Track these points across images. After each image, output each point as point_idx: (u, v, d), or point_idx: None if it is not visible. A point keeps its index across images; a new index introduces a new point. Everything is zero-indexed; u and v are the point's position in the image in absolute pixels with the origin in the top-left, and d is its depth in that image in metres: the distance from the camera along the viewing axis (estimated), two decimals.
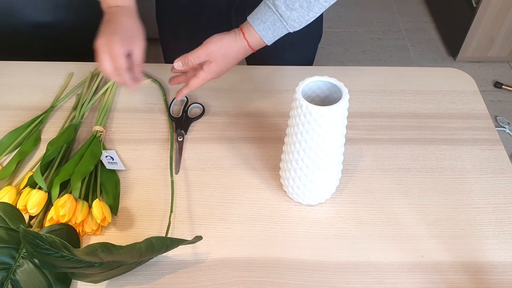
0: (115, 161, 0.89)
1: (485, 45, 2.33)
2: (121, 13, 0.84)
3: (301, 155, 0.77)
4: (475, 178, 0.91)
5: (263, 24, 0.81)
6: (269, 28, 0.81)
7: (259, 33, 0.82)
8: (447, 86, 1.08)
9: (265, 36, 0.82)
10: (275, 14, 0.80)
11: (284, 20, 0.80)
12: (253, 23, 0.82)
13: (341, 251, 0.80)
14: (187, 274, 0.77)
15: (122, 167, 0.89)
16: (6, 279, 0.71)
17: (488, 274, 0.78)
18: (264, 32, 0.82)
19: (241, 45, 0.83)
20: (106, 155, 0.88)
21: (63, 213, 0.77)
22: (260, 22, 0.81)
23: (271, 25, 0.81)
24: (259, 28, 0.82)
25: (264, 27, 0.81)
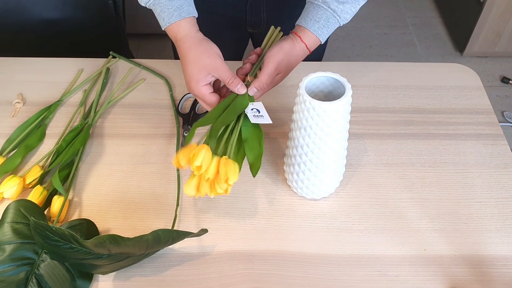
0: (261, 114, 0.80)
1: (492, 40, 2.32)
2: (184, 48, 0.82)
3: (305, 149, 0.78)
4: (478, 173, 0.91)
5: (317, 24, 0.83)
6: (324, 26, 0.83)
7: (315, 33, 0.83)
8: (451, 81, 1.09)
9: (320, 35, 0.84)
10: (328, 11, 0.82)
11: (337, 15, 0.83)
12: (307, 25, 0.83)
13: (345, 244, 0.81)
14: (193, 266, 0.78)
15: (269, 120, 0.79)
16: (30, 274, 0.73)
17: (490, 268, 0.79)
18: (320, 31, 0.84)
19: (300, 48, 0.84)
20: (251, 107, 0.80)
21: (199, 164, 0.70)
22: (314, 22, 0.83)
23: (325, 22, 0.83)
24: (314, 28, 0.83)
25: (319, 26, 0.83)
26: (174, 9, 0.79)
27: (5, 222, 0.77)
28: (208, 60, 0.81)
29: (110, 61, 1.10)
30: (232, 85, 0.80)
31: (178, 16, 0.79)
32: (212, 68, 0.80)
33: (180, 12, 0.80)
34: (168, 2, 0.79)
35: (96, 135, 0.97)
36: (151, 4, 0.81)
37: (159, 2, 0.80)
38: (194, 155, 0.71)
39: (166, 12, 0.79)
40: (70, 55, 1.14)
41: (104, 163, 0.92)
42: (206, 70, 0.80)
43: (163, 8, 0.79)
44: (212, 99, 0.82)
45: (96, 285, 0.76)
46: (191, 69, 0.81)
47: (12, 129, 0.96)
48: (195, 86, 0.81)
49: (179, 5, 0.80)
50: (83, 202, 0.86)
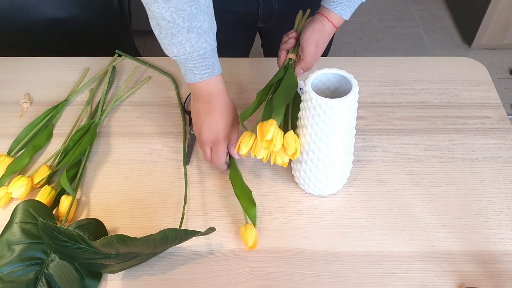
0: None
1: (500, 32, 2.30)
2: (222, 100, 0.83)
3: (311, 147, 0.78)
4: (487, 168, 0.91)
5: (340, 5, 0.88)
6: (346, 6, 0.88)
7: (338, 13, 0.88)
8: (459, 75, 1.08)
9: (343, 14, 0.89)
10: None
11: None
12: (330, 7, 0.88)
13: (353, 241, 0.81)
14: (201, 264, 0.78)
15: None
16: (40, 273, 0.73)
17: (499, 263, 0.78)
18: (343, 11, 0.88)
19: (329, 27, 0.89)
20: (300, 87, 0.86)
21: (269, 138, 0.76)
22: (337, 3, 0.88)
23: (347, 2, 0.88)
24: (338, 9, 0.88)
25: (342, 7, 0.88)
26: (208, 66, 0.80)
27: (14, 222, 0.77)
28: (236, 117, 0.86)
29: (116, 59, 1.10)
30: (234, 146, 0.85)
31: (211, 74, 0.81)
32: (235, 125, 0.86)
33: (213, 70, 0.81)
34: (203, 60, 0.79)
35: (103, 134, 0.97)
36: (182, 59, 0.79)
37: (193, 59, 0.78)
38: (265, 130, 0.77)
39: (199, 69, 0.79)
40: (76, 54, 1.14)
41: (111, 162, 0.92)
42: (232, 127, 0.85)
43: (196, 64, 0.79)
44: (225, 155, 0.86)
45: (105, 284, 0.76)
46: (225, 121, 0.83)
47: (20, 129, 0.96)
48: (225, 137, 0.84)
49: (213, 63, 0.80)
50: (91, 201, 0.87)
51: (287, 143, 0.78)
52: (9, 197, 0.85)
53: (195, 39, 0.76)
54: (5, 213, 0.84)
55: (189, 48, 0.77)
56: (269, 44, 1.31)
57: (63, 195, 0.85)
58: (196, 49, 0.77)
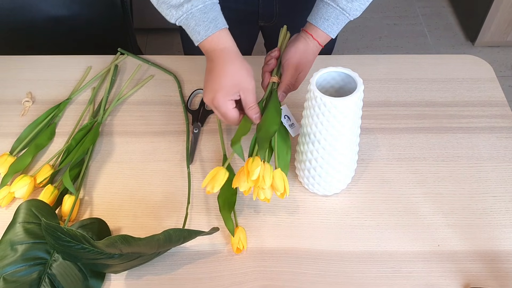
0: (291, 121, 0.83)
1: (504, 29, 2.29)
2: (224, 58, 0.79)
3: (316, 146, 0.77)
4: (492, 167, 0.90)
5: (326, 22, 0.84)
6: (333, 24, 0.85)
7: (325, 31, 0.85)
8: (463, 73, 1.07)
9: (330, 32, 0.85)
10: (336, 9, 0.83)
11: (346, 12, 0.83)
12: (317, 24, 0.85)
13: (357, 240, 0.81)
14: (205, 264, 0.78)
15: (298, 131, 0.83)
16: (43, 273, 0.73)
17: (505, 263, 0.78)
18: (330, 28, 0.85)
19: (313, 45, 0.86)
20: (284, 114, 0.82)
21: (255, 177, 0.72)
22: (324, 20, 0.84)
23: (334, 20, 0.84)
24: (324, 26, 0.84)
25: (329, 24, 0.84)
26: (209, 21, 0.77)
27: (17, 222, 0.77)
28: (245, 79, 0.79)
29: (118, 58, 1.10)
30: (253, 110, 0.80)
31: (215, 28, 0.78)
32: (246, 88, 0.79)
33: (216, 24, 0.78)
34: (203, 14, 0.77)
35: (105, 133, 0.97)
36: (183, 18, 0.77)
37: (193, 16, 0.77)
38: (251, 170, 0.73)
39: (201, 25, 0.77)
40: (78, 52, 1.13)
41: (114, 161, 0.92)
42: (239, 87, 0.79)
43: (198, 21, 0.77)
44: (234, 114, 0.80)
45: (108, 284, 0.76)
46: (225, 81, 0.78)
47: (22, 128, 0.96)
48: (222, 98, 0.78)
49: (214, 16, 0.78)
50: (94, 201, 0.86)
51: (275, 183, 0.74)
52: (12, 196, 0.85)
53: None
54: (8, 212, 0.84)
55: (187, 4, 0.75)
56: (271, 43, 1.31)
57: (66, 194, 0.84)
58: (194, 4, 0.75)
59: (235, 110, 0.80)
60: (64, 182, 0.83)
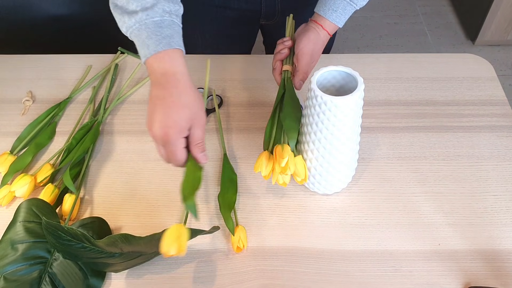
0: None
1: (504, 28, 2.29)
2: (177, 87, 0.69)
3: (316, 145, 0.77)
4: (493, 166, 0.90)
5: (335, 13, 0.87)
6: (341, 14, 0.87)
7: (334, 22, 0.88)
8: (464, 72, 1.07)
9: (338, 22, 0.88)
10: (344, 0, 0.86)
11: (353, 3, 0.87)
12: (326, 15, 0.87)
13: (358, 239, 0.81)
14: (206, 263, 0.78)
15: None
16: (43, 273, 0.73)
17: (505, 262, 0.78)
18: (338, 19, 0.88)
19: (323, 35, 0.89)
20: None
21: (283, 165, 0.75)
22: (332, 11, 0.87)
23: (342, 11, 0.87)
24: (333, 17, 0.87)
25: (337, 15, 0.87)
26: (163, 37, 0.68)
27: (17, 221, 0.77)
28: (199, 112, 0.70)
29: (119, 57, 1.10)
30: (200, 148, 0.71)
31: (167, 45, 0.68)
32: (198, 123, 0.70)
33: (169, 41, 0.68)
34: (158, 28, 0.68)
35: (106, 132, 0.97)
36: (135, 28, 0.69)
37: (146, 27, 0.68)
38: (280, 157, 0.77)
39: (153, 38, 0.67)
40: (78, 51, 1.13)
41: (115, 160, 0.92)
42: (192, 122, 0.69)
43: (150, 34, 0.68)
44: (184, 155, 0.70)
45: (109, 283, 0.76)
46: (180, 115, 0.67)
47: (22, 127, 0.96)
48: (175, 135, 0.67)
49: (170, 34, 0.69)
50: (94, 200, 0.86)
51: (297, 169, 0.78)
52: (12, 195, 0.85)
53: (150, 3, 0.68)
54: (8, 211, 0.84)
55: (143, 13, 0.67)
56: (271, 42, 1.31)
57: (66, 193, 0.84)
58: (150, 15, 0.67)
59: (185, 150, 0.70)
60: (65, 181, 0.83)
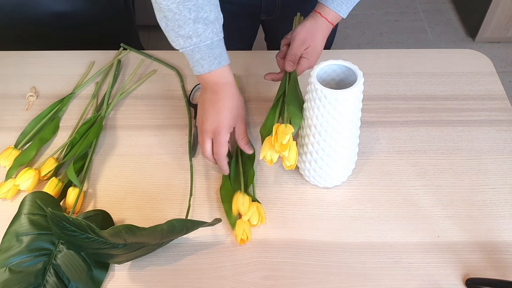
0: None
1: (504, 25, 2.29)
2: (227, 92, 0.82)
3: (317, 138, 0.78)
4: (492, 159, 0.91)
5: (335, 1, 0.88)
6: (342, 3, 0.88)
7: (334, 10, 0.88)
8: (463, 67, 1.08)
9: (339, 11, 0.89)
10: None
11: None
12: (326, 3, 0.89)
13: (358, 232, 0.81)
14: (207, 255, 0.79)
15: None
16: (48, 264, 0.74)
17: (504, 254, 0.79)
18: (339, 7, 0.88)
19: (322, 22, 0.89)
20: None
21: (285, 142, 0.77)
22: (332, 0, 0.88)
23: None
24: (333, 5, 0.88)
25: (338, 3, 0.88)
26: (214, 57, 0.80)
27: (22, 213, 0.78)
28: (242, 112, 0.85)
29: (121, 53, 1.11)
30: (244, 140, 0.85)
31: (219, 64, 0.80)
32: (241, 120, 0.84)
33: (220, 60, 0.80)
34: (209, 50, 0.79)
35: (109, 127, 0.98)
36: (189, 50, 0.79)
37: (199, 50, 0.78)
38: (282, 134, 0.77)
39: (206, 60, 0.79)
40: (81, 47, 1.14)
41: (118, 155, 0.93)
42: (236, 120, 0.83)
43: (203, 55, 0.79)
44: (226, 148, 0.83)
45: (112, 274, 0.77)
46: (228, 114, 0.82)
47: (26, 122, 0.97)
48: (224, 130, 0.82)
49: (220, 53, 0.80)
50: (98, 193, 0.87)
51: (290, 153, 0.78)
52: (17, 189, 0.86)
53: (202, 29, 0.76)
54: (13, 205, 0.85)
55: (196, 38, 0.77)
56: (272, 37, 1.32)
57: (70, 187, 0.85)
58: (202, 40, 0.77)
59: (228, 144, 0.84)
60: (68, 175, 0.85)
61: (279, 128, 0.78)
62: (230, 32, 1.17)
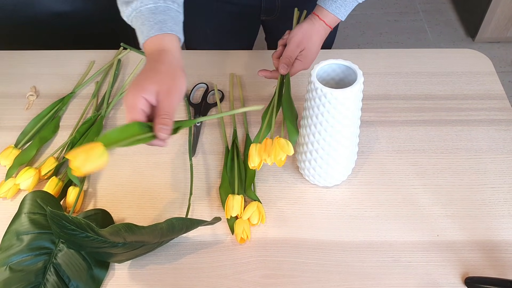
0: None
1: (504, 25, 2.29)
2: (157, 59, 0.69)
3: (316, 137, 0.78)
4: (491, 158, 0.91)
5: (334, 4, 0.87)
6: (341, 6, 0.87)
7: (333, 12, 0.88)
8: (463, 67, 1.08)
9: (338, 14, 0.88)
10: None
11: None
12: (325, 5, 0.88)
13: (357, 231, 0.82)
14: (207, 254, 0.79)
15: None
16: (48, 263, 0.74)
17: (503, 253, 0.79)
18: (337, 10, 0.88)
19: (319, 25, 0.89)
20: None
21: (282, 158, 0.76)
22: (332, 2, 0.87)
23: (342, 2, 0.87)
24: (332, 8, 0.88)
25: (337, 6, 0.87)
26: (155, 22, 0.71)
27: (22, 212, 0.78)
28: (172, 85, 0.67)
29: (121, 52, 1.11)
30: (163, 121, 0.65)
31: (159, 30, 0.71)
32: (168, 94, 0.66)
33: (161, 26, 0.71)
34: (151, 14, 0.71)
35: (109, 126, 0.98)
36: (132, 16, 0.73)
37: (141, 14, 0.71)
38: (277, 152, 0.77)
39: (146, 25, 0.71)
40: (81, 47, 1.14)
41: (118, 154, 0.93)
42: (158, 88, 0.66)
43: (144, 21, 0.71)
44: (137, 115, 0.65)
45: (112, 273, 0.77)
46: (145, 77, 0.67)
47: (26, 122, 0.97)
48: (132, 90, 0.66)
49: (163, 19, 0.71)
50: (98, 193, 0.87)
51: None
52: (17, 188, 0.86)
53: None
54: (13, 204, 0.85)
55: (137, 2, 0.71)
56: (272, 37, 1.32)
57: (70, 186, 0.86)
58: (144, 2, 0.71)
59: (141, 112, 0.66)
60: (69, 174, 0.85)
61: (279, 142, 0.76)
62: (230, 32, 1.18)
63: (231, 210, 0.80)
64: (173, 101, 0.66)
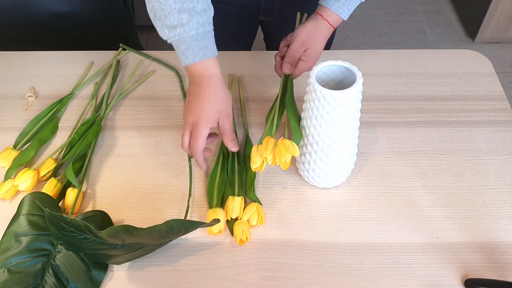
0: None
1: (504, 26, 2.29)
2: (211, 86, 0.81)
3: (316, 139, 0.78)
4: (491, 160, 0.91)
5: (337, 3, 0.88)
6: (344, 5, 0.88)
7: (335, 12, 0.88)
8: (463, 68, 1.08)
9: (341, 13, 0.89)
10: None
11: None
12: (328, 5, 0.88)
13: (357, 232, 0.81)
14: (206, 256, 0.79)
15: None
16: (47, 265, 0.74)
17: (503, 254, 0.79)
18: (340, 9, 0.88)
19: (323, 25, 0.89)
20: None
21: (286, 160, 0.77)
22: (334, 1, 0.88)
23: (344, 1, 0.87)
24: (334, 7, 0.88)
25: (339, 5, 0.88)
26: (199, 48, 0.78)
27: (21, 214, 0.78)
28: (226, 107, 0.82)
29: (120, 53, 1.11)
30: (229, 137, 0.83)
31: (203, 56, 0.79)
32: (226, 116, 0.82)
33: (205, 52, 0.79)
34: (194, 41, 0.78)
35: (108, 127, 0.98)
36: (174, 40, 0.79)
37: (184, 40, 0.78)
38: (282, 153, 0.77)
39: (191, 51, 0.78)
40: (80, 48, 1.14)
41: (117, 155, 0.93)
42: (219, 115, 0.81)
43: (188, 46, 0.78)
44: (203, 143, 0.81)
45: (111, 275, 0.77)
46: (209, 107, 0.80)
47: (25, 123, 0.97)
48: (204, 122, 0.80)
49: (205, 45, 0.79)
50: (97, 194, 0.87)
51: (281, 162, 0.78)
52: (16, 189, 0.86)
53: (186, 19, 0.76)
54: (11, 205, 0.85)
55: (180, 29, 0.76)
56: (271, 38, 1.32)
57: (69, 187, 0.85)
58: (187, 30, 0.76)
59: (205, 140, 0.81)
60: (67, 175, 0.84)
61: (283, 143, 0.77)
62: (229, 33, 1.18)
63: (231, 211, 0.80)
64: (231, 121, 0.83)
